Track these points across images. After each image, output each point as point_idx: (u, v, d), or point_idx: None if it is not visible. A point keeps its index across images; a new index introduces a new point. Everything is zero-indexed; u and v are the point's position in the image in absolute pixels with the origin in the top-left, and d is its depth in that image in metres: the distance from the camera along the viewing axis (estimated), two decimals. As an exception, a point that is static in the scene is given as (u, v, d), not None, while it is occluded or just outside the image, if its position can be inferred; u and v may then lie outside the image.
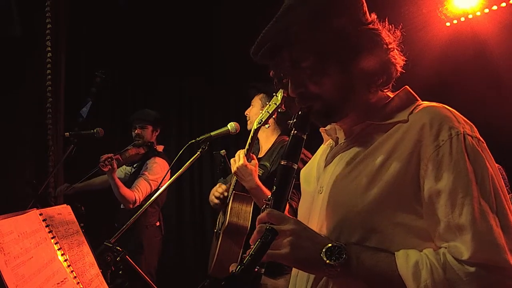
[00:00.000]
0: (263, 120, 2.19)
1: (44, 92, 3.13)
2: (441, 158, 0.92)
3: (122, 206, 3.51)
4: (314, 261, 0.94)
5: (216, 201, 2.42)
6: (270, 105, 2.17)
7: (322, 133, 1.26)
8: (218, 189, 2.44)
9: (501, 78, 3.67)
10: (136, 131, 3.67)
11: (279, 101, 2.11)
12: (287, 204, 1.21)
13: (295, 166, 1.06)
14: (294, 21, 1.01)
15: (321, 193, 1.10)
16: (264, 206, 1.07)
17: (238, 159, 2.17)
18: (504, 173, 3.33)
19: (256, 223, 1.01)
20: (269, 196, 1.07)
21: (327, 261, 0.92)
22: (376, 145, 1.02)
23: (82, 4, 3.77)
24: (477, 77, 3.69)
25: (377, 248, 0.96)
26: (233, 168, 2.18)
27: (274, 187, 1.06)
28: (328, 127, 1.21)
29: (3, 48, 2.91)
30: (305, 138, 1.08)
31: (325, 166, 1.15)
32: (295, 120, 1.09)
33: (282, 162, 1.06)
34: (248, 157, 2.20)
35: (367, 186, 0.98)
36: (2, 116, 2.90)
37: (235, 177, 2.26)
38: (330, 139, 1.22)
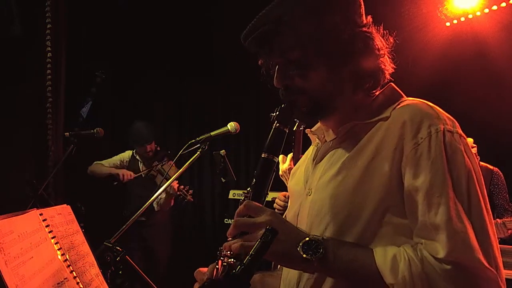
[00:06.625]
0: None
1: (44, 92, 3.12)
2: (419, 156, 0.92)
3: (156, 209, 3.77)
4: (290, 255, 0.93)
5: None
6: None
7: (308, 134, 1.25)
8: (281, 198, 2.34)
9: (501, 78, 3.67)
10: (151, 146, 3.87)
11: None
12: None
13: (276, 159, 1.05)
14: (287, 12, 1.00)
15: (309, 195, 1.09)
16: (243, 199, 1.05)
17: (284, 162, 2.13)
18: (502, 177, 3.31)
19: (235, 216, 0.99)
20: (248, 189, 1.06)
21: (304, 256, 0.91)
22: (361, 145, 1.02)
23: (82, 4, 3.77)
24: (477, 77, 3.69)
25: (355, 243, 0.96)
26: (280, 171, 2.15)
27: (254, 180, 1.04)
28: (314, 128, 1.20)
29: (3, 48, 2.91)
30: (287, 131, 1.06)
31: (313, 167, 1.14)
32: (277, 112, 1.07)
33: (263, 155, 1.05)
34: (295, 160, 2.13)
35: (354, 190, 0.98)
36: (2, 116, 2.90)
37: None
38: (317, 140, 1.21)
